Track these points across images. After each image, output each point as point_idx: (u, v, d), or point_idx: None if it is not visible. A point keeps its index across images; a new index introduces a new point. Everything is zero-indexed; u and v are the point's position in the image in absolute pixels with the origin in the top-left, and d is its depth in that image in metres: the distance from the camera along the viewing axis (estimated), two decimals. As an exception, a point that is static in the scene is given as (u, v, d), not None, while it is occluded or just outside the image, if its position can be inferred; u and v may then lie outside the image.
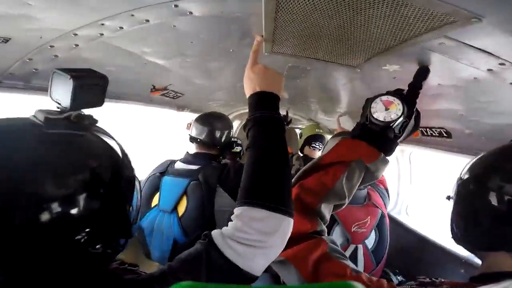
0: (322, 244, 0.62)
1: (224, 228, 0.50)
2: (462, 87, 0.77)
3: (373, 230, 1.23)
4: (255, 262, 0.48)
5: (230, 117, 2.50)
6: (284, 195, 0.51)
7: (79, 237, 0.39)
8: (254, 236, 0.47)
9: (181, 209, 1.39)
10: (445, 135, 1.17)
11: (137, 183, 0.54)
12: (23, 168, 0.37)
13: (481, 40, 0.52)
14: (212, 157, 1.55)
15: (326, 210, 0.68)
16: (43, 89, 0.91)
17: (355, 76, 1.06)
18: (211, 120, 1.56)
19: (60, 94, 0.43)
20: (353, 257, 1.17)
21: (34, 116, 0.42)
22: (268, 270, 1.53)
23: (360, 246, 1.19)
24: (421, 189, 1.91)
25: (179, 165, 1.49)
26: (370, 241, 1.22)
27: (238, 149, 2.60)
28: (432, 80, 0.77)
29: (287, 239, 0.51)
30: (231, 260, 0.46)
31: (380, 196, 1.38)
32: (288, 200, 0.52)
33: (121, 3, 0.55)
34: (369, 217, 1.22)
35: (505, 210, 0.49)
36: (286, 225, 0.50)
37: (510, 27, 0.46)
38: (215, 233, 0.50)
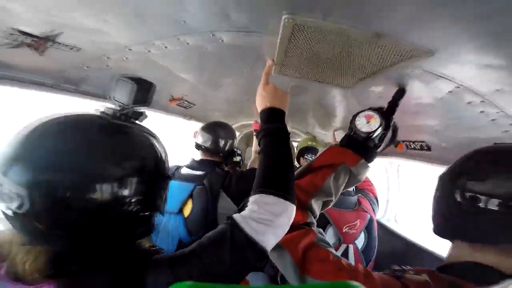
0: (311, 234, 0.72)
1: (242, 212, 0.61)
2: (433, 105, 0.93)
3: (363, 232, 1.35)
4: (267, 237, 0.58)
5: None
6: (288, 187, 0.64)
7: (131, 202, 0.50)
8: (266, 216, 0.58)
9: (187, 211, 1.48)
10: (425, 148, 1.33)
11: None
12: (94, 147, 0.48)
13: (439, 68, 0.69)
14: (216, 164, 1.63)
15: (316, 206, 0.78)
16: (90, 94, 1.05)
17: (348, 95, 1.22)
18: (216, 129, 1.66)
19: (121, 95, 0.57)
20: (344, 256, 1.27)
21: (102, 111, 0.56)
22: (266, 270, 1.62)
23: (351, 246, 1.30)
24: (409, 198, 2.05)
25: (185, 171, 1.58)
26: (360, 242, 1.33)
27: (238, 158, 2.71)
28: (411, 99, 0.93)
29: (291, 221, 0.63)
30: (248, 235, 0.56)
31: (370, 203, 1.51)
32: (291, 191, 0.64)
33: (173, 28, 0.70)
34: (358, 220, 1.35)
35: (462, 203, 0.60)
36: (290, 209, 0.62)
37: (458, 59, 0.62)
38: (236, 215, 0.60)
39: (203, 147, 1.64)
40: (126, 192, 0.50)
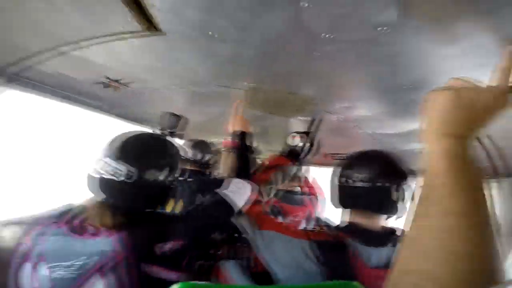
0: (261, 206, 1.17)
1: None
2: (339, 129, 1.50)
3: (304, 221, 1.85)
4: (236, 198, 0.96)
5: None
6: (247, 175, 1.11)
7: (168, 178, 0.89)
8: (235, 188, 1.00)
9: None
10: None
11: None
12: (154, 149, 0.85)
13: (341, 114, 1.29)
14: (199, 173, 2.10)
15: (265, 191, 1.28)
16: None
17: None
18: (199, 145, 2.06)
19: (165, 122, 1.04)
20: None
21: (155, 131, 1.02)
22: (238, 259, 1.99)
23: (298, 230, 1.80)
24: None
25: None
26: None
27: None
28: (331, 126, 1.49)
29: (249, 193, 1.02)
30: (223, 198, 0.94)
31: (313, 202, 2.04)
32: (249, 177, 1.11)
33: (189, 83, 1.20)
34: (301, 212, 1.86)
35: (341, 183, 0.95)
36: (248, 187, 1.04)
37: (333, 107, 1.22)
38: (218, 189, 1.00)
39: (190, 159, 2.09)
40: (166, 173, 0.85)
